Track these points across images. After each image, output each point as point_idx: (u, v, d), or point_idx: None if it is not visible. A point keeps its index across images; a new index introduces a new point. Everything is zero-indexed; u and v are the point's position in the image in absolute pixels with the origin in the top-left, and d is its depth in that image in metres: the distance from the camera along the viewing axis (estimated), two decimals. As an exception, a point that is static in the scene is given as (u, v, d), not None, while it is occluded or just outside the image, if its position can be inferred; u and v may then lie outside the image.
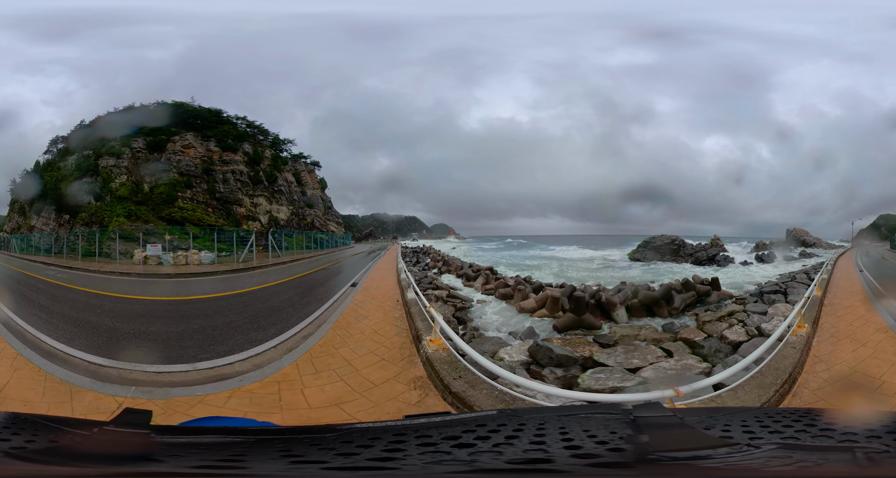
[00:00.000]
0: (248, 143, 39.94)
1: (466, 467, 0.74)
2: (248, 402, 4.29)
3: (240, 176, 36.83)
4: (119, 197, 36.61)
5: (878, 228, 57.19)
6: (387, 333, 6.74)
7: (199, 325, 7.70)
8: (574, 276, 21.23)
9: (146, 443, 0.89)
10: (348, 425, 1.00)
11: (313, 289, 12.72)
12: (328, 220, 41.93)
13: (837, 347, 6.30)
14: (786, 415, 1.06)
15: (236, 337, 6.43)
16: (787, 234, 53.51)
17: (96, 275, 17.51)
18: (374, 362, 5.44)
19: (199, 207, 35.40)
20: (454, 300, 12.66)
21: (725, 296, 14.96)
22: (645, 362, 7.32)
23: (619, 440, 0.86)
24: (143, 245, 25.17)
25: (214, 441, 0.92)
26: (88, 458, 0.81)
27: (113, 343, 6.25)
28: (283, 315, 8.08)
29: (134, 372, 5.11)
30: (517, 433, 0.90)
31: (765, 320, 9.92)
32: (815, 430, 0.93)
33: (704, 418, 1.05)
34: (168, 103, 41.43)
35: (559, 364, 6.49)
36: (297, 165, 41.58)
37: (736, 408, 1.60)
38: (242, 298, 11.17)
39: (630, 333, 9.72)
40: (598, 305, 11.86)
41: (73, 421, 1.01)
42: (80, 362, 5.39)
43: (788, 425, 0.97)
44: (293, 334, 6.61)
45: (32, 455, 0.81)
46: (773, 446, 0.82)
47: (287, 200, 38.32)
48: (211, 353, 5.66)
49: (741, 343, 8.27)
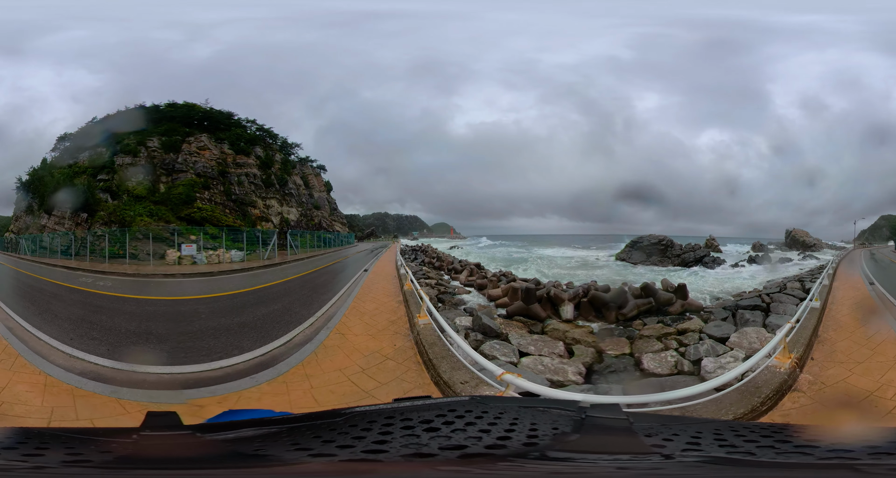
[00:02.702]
0: (259, 146, 44.10)
1: (414, 450, 0.84)
2: (356, 318, 8.98)
3: (253, 179, 41.16)
4: (137, 196, 37.76)
5: (880, 228, 58.17)
6: (388, 292, 12.12)
7: (286, 302, 11.88)
8: (549, 272, 25.52)
9: (205, 443, 0.94)
10: (350, 409, 1.12)
11: (338, 274, 18.09)
12: (334, 220, 46.68)
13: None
14: (758, 430, 1.05)
15: (314, 302, 11.17)
16: (787, 235, 53.87)
17: (144, 279, 17.75)
18: (385, 300, 10.79)
19: (217, 208, 38.95)
20: (440, 287, 17.06)
21: (692, 307, 13.88)
22: (537, 351, 8.50)
23: (549, 436, 0.93)
24: (177, 245, 26.91)
25: (256, 434, 0.98)
26: (177, 462, 0.84)
27: (241, 337, 7.59)
28: (329, 288, 13.44)
29: (285, 343, 7.14)
30: (476, 420, 1.01)
31: (717, 352, 8.28)
32: (787, 447, 0.89)
33: (657, 425, 1.06)
34: (180, 104, 44.13)
35: (483, 332, 9.48)
36: (305, 169, 46.13)
37: (698, 419, 1.57)
38: (296, 282, 16.26)
39: (561, 328, 10.89)
40: (548, 299, 13.44)
41: (101, 431, 1.04)
42: (243, 365, 6.15)
43: (752, 441, 0.94)
44: (339, 296, 11.76)
45: (108, 465, 0.83)
46: (694, 459, 0.83)
47: (296, 202, 42.89)
48: (308, 311, 9.95)
49: (658, 376, 7.79)
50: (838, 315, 8.96)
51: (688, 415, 3.86)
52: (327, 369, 5.95)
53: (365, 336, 7.69)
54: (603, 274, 26.21)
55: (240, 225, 36.60)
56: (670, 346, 9.24)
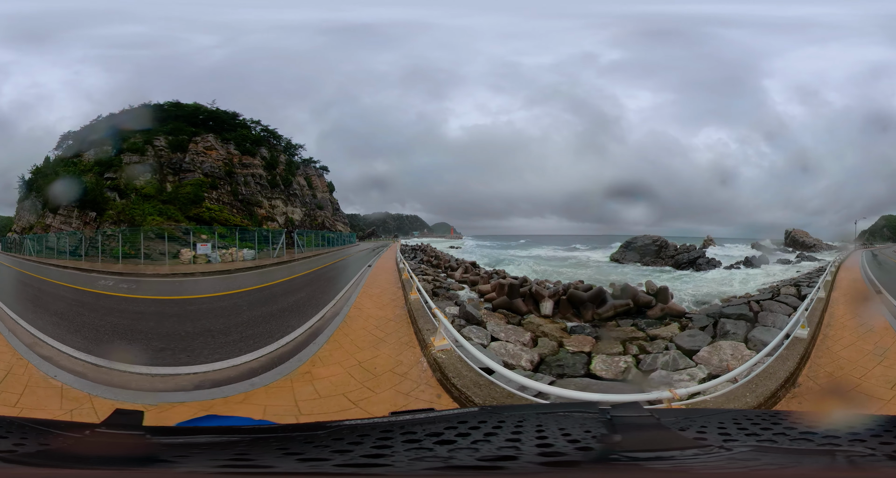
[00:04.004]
0: (264, 147, 46.41)
1: (443, 463, 0.82)
2: (367, 298, 11.65)
3: (259, 180, 43.51)
4: (145, 195, 38.38)
5: (880, 228, 58.99)
6: (389, 281, 15.04)
7: (308, 291, 14.11)
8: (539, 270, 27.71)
9: (140, 444, 0.95)
10: (337, 422, 1.09)
11: (345, 269, 20.96)
12: (336, 220, 49.15)
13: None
14: (765, 418, 1.11)
15: (331, 290, 13.80)
16: (786, 235, 54.76)
17: (166, 279, 18.28)
18: (386, 286, 13.54)
19: (225, 208, 40.90)
20: (436, 282, 19.41)
21: (672, 311, 13.61)
22: (506, 338, 9.43)
23: (592, 439, 0.94)
24: (192, 245, 28.29)
25: (211, 441, 0.98)
26: (82, 460, 0.84)
27: (286, 319, 8.88)
28: (340, 280, 16.26)
29: (320, 318, 10.09)
30: (496, 430, 1.00)
31: (676, 366, 7.67)
32: (794, 433, 0.97)
33: (681, 419, 1.11)
34: (185, 104, 45.49)
35: (466, 319, 10.79)
36: (308, 170, 48.52)
37: (714, 410, 1.59)
38: (310, 276, 18.93)
39: (536, 322, 11.79)
40: (530, 295, 14.22)
41: (62, 424, 1.07)
42: (302, 337, 7.43)
43: (767, 428, 1.00)
44: (350, 285, 14.50)
45: (23, 459, 0.84)
46: (747, 448, 0.88)
47: (300, 203, 45.33)
48: (328, 296, 12.41)
49: (599, 379, 7.70)
50: (835, 346, 6.85)
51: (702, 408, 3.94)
52: (355, 328, 8.61)
53: (374, 308, 10.57)
54: (590, 273, 28.12)
55: (247, 225, 38.61)
56: (630, 351, 8.98)
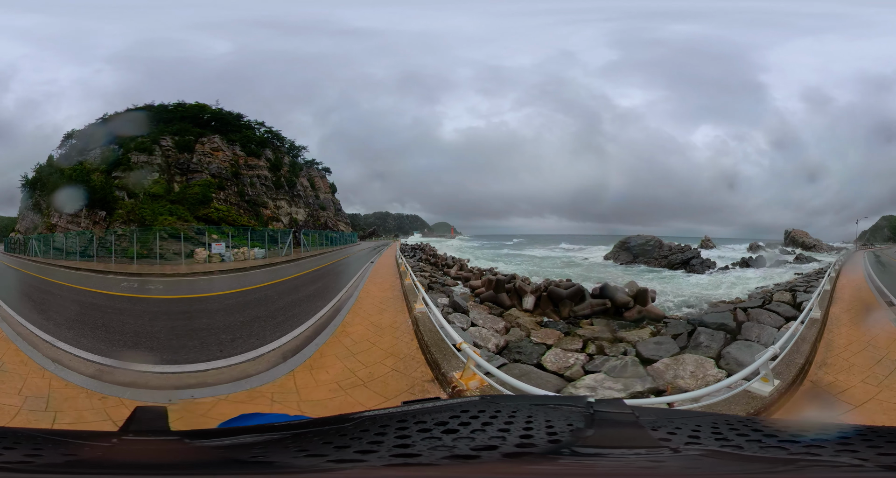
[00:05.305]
0: (268, 149, 48.90)
1: (449, 452, 0.86)
2: (372, 285, 14.62)
3: (264, 181, 46.13)
4: (154, 195, 39.26)
5: (881, 229, 60.80)
6: (390, 273, 17.81)
7: (322, 283, 17.27)
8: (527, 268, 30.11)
9: (187, 449, 0.94)
10: (359, 414, 1.16)
11: (350, 265, 23.85)
12: (338, 220, 51.76)
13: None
14: (746, 424, 1.11)
15: (341, 281, 16.72)
16: (786, 235, 55.97)
17: (187, 278, 19.31)
18: (387, 277, 16.42)
19: (233, 209, 42.87)
20: (432, 278, 21.91)
21: (651, 314, 13.70)
22: (483, 325, 11.13)
23: (569, 433, 0.98)
24: (207, 245, 30.13)
25: (253, 441, 0.98)
26: (131, 467, 0.82)
27: (313, 303, 11.28)
28: (347, 273, 19.14)
29: (337, 300, 14.66)
30: (492, 420, 1.06)
31: (622, 374, 7.16)
32: (772, 441, 0.96)
33: (661, 419, 1.14)
34: (190, 104, 46.97)
35: (454, 308, 12.68)
36: (311, 171, 51.01)
37: (697, 412, 1.63)
38: (321, 271, 21.65)
39: (514, 314, 13.34)
40: (514, 290, 15.63)
41: (76, 433, 1.02)
42: (330, 313, 11.03)
43: (743, 434, 1.00)
44: (357, 277, 17.40)
45: (47, 468, 0.81)
46: (696, 453, 0.89)
47: (304, 203, 47.93)
48: (340, 285, 15.45)
49: (545, 371, 7.79)
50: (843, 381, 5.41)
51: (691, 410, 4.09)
52: (365, 306, 11.24)
53: (378, 291, 13.51)
54: (579, 272, 30.46)
55: (253, 225, 40.81)
56: (587, 350, 9.16)
